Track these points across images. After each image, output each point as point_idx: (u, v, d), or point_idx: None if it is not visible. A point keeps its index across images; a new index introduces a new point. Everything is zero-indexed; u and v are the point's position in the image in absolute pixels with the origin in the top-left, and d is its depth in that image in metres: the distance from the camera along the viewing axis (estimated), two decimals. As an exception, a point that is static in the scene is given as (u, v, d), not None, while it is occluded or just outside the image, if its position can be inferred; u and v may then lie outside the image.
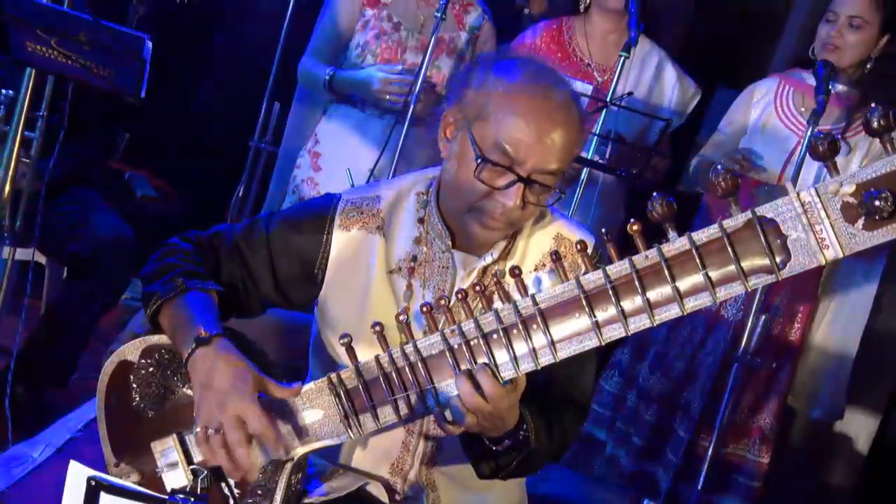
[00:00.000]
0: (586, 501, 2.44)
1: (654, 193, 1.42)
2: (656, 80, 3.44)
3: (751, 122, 3.40)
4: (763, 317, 3.08)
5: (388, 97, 3.12)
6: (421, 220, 1.80)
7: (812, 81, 3.11)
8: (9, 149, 2.84)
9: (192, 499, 1.24)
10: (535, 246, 1.79)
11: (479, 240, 1.74)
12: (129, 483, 1.28)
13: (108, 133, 3.42)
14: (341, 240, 1.80)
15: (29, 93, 2.81)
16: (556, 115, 1.63)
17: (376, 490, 1.81)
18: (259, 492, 1.65)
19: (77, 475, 1.26)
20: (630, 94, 3.13)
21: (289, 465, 1.65)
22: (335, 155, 3.28)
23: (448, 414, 1.53)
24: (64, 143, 3.07)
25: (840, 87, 3.28)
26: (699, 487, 3.09)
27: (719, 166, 1.41)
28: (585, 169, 3.13)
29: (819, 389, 3.49)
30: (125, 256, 3.07)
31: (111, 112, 3.30)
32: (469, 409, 1.50)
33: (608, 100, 3.07)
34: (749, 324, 3.07)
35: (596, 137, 3.08)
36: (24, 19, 2.39)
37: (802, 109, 3.31)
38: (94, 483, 1.22)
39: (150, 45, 2.42)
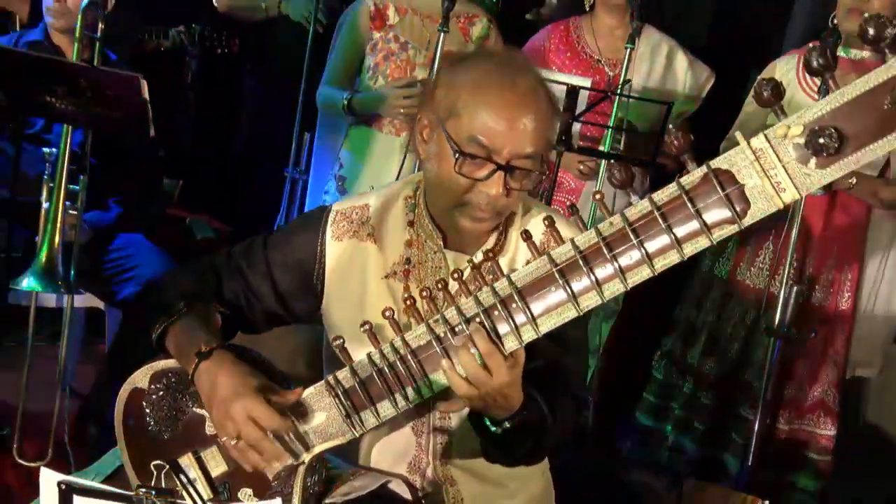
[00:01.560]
0: (621, 486, 2.38)
1: (612, 161, 1.40)
2: (668, 68, 3.39)
3: (784, 94, 3.31)
4: (795, 288, 2.99)
5: (401, 111, 3.14)
6: (411, 224, 1.80)
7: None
8: (53, 202, 2.94)
9: (155, 492, 1.25)
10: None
11: (471, 233, 1.73)
12: (96, 483, 1.30)
13: (151, 181, 3.50)
14: (335, 250, 1.81)
15: (68, 148, 2.93)
16: (524, 101, 1.62)
17: (398, 487, 1.80)
18: (276, 497, 1.64)
19: (48, 482, 1.28)
20: (628, 81, 3.08)
21: (302, 469, 1.65)
22: (358, 176, 3.31)
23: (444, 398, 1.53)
24: (107, 193, 3.18)
25: (855, 53, 3.19)
26: (749, 464, 3.00)
27: (672, 128, 1.39)
28: (603, 161, 3.09)
29: (865, 351, 3.41)
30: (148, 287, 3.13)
31: (151, 160, 3.39)
32: (474, 383, 1.48)
33: (618, 91, 3.04)
34: (782, 296, 2.99)
35: (610, 131, 3.05)
36: (30, 74, 2.47)
37: (828, 82, 3.22)
38: (64, 487, 1.24)
39: (144, 83, 2.47)
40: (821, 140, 1.22)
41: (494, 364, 1.47)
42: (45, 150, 2.95)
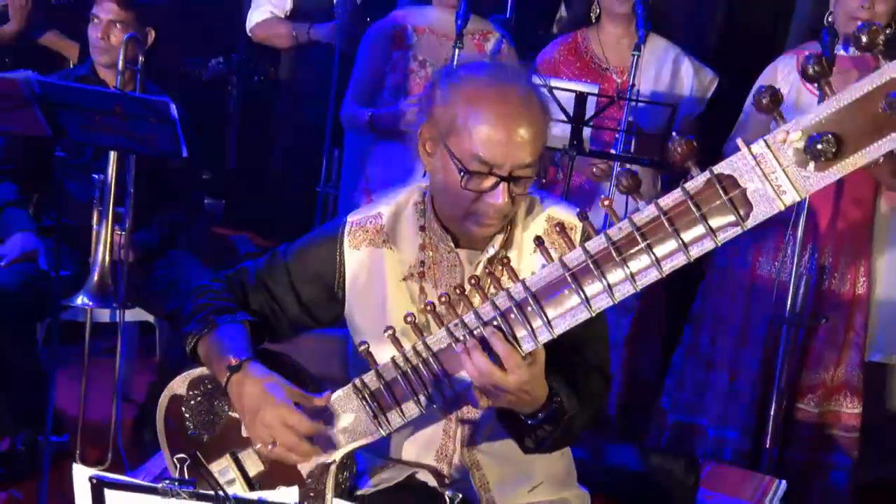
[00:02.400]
0: (639, 469, 2.35)
1: (619, 169, 1.38)
2: (674, 74, 3.35)
3: (783, 100, 3.25)
4: (805, 276, 2.95)
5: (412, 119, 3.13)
6: (422, 228, 1.78)
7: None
8: (105, 225, 2.97)
9: (178, 484, 1.25)
10: (531, 232, 1.74)
11: (480, 238, 1.72)
12: (124, 477, 1.30)
13: (193, 200, 3.52)
14: (353, 259, 1.80)
15: (114, 172, 2.95)
16: (518, 112, 1.60)
17: (425, 476, 1.80)
18: (311, 494, 1.66)
19: (80, 476, 1.28)
20: (633, 86, 3.04)
21: (333, 467, 1.65)
22: (383, 188, 3.29)
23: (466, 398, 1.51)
24: (151, 213, 3.20)
25: (853, 50, 3.12)
26: (767, 445, 2.96)
27: (675, 135, 1.36)
28: (615, 164, 3.07)
29: (878, 335, 3.34)
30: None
31: (192, 181, 3.41)
32: (489, 382, 1.46)
33: (627, 97, 3.01)
34: (791, 284, 2.94)
35: (621, 134, 3.02)
36: (69, 105, 2.50)
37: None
38: (95, 482, 1.24)
39: (174, 106, 2.48)
40: (819, 146, 1.19)
41: (513, 364, 1.45)
42: (95, 176, 2.98)
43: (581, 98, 2.68)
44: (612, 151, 3.01)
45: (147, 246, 3.20)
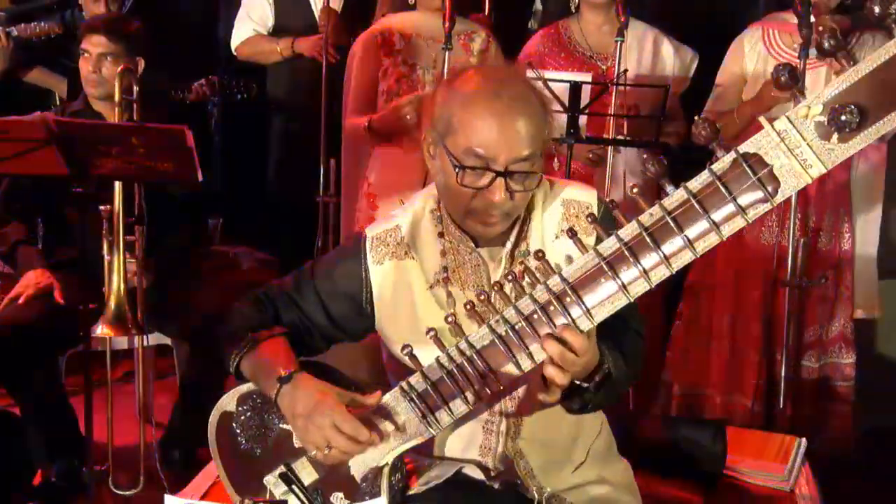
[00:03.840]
0: (675, 441, 2.37)
1: (644, 155, 1.39)
2: (656, 56, 3.36)
3: (750, 73, 3.28)
4: (802, 240, 2.99)
5: (408, 117, 3.08)
6: (441, 234, 1.78)
7: (793, 20, 2.99)
8: (116, 255, 2.95)
9: None
10: (549, 218, 1.75)
11: (487, 236, 1.73)
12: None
13: (197, 221, 3.50)
14: (378, 273, 1.80)
15: (121, 202, 2.94)
16: (511, 108, 1.60)
17: (472, 471, 1.80)
18: (366, 497, 1.67)
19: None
20: (625, 71, 3.06)
21: (386, 469, 1.66)
22: (386, 191, 3.30)
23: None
24: (160, 238, 3.19)
25: (826, 20, 3.14)
26: (781, 405, 3.00)
27: (698, 119, 1.37)
28: (610, 148, 3.08)
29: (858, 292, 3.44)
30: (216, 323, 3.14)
31: (196, 202, 3.39)
32: (565, 367, 1.48)
33: (614, 82, 3.02)
34: (790, 249, 2.98)
35: (612, 118, 3.04)
36: (87, 140, 2.48)
37: (795, 46, 3.17)
38: None
39: (190, 133, 2.48)
40: (843, 118, 1.21)
41: (580, 346, 1.47)
42: (101, 207, 2.96)
43: (576, 87, 2.69)
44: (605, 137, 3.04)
45: (158, 270, 3.17)
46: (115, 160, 2.47)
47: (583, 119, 2.82)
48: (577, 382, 1.57)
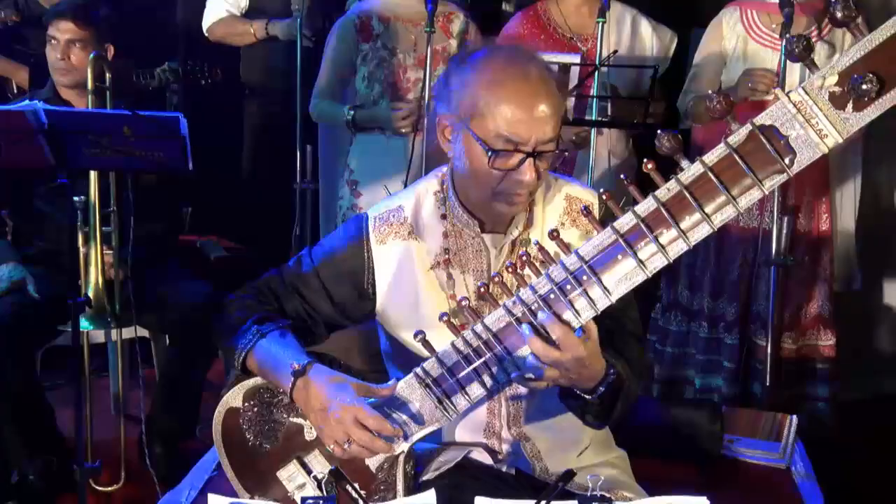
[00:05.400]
0: (673, 424, 2.40)
1: (659, 131, 1.41)
2: (634, 36, 3.39)
3: (729, 53, 3.32)
4: (786, 219, 3.04)
5: (403, 129, 3.19)
6: (444, 216, 1.80)
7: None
8: (93, 246, 2.91)
9: (322, 501, 1.25)
10: (551, 211, 1.78)
11: (509, 216, 1.74)
12: (261, 502, 1.30)
13: (173, 210, 3.47)
14: (381, 253, 1.81)
15: (97, 193, 2.89)
16: (538, 90, 1.63)
17: (479, 455, 1.81)
18: (382, 487, 1.67)
19: None
20: (615, 52, 3.08)
21: (401, 458, 1.66)
22: (370, 179, 3.30)
23: (531, 374, 1.52)
24: (137, 228, 3.14)
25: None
26: (767, 385, 3.05)
27: (712, 93, 1.39)
28: (594, 130, 3.11)
29: (838, 267, 3.52)
30: (214, 314, 3.11)
31: (172, 191, 3.35)
32: (548, 363, 1.49)
33: (597, 63, 3.04)
34: (774, 228, 3.03)
35: (594, 100, 3.06)
36: (77, 131, 2.43)
37: (773, 26, 3.23)
38: None
39: (185, 121, 2.44)
40: (864, 87, 1.23)
41: (570, 343, 1.48)
42: (76, 198, 2.91)
43: (566, 69, 2.71)
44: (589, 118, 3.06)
45: (136, 261, 3.13)
46: (104, 150, 2.42)
47: (570, 101, 2.84)
48: (581, 394, 1.59)
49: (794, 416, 2.54)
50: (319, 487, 1.71)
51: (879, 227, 3.91)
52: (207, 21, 4.01)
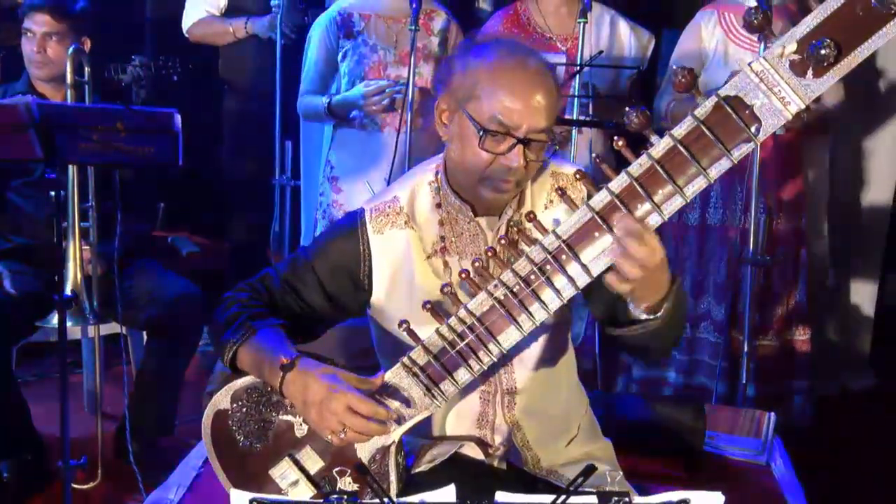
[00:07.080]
0: (657, 421, 2.44)
1: (627, 108, 1.47)
2: (613, 36, 3.47)
3: (709, 55, 3.40)
4: (763, 217, 3.11)
5: (373, 108, 3.21)
6: (438, 205, 1.84)
7: (748, 2, 3.12)
8: (71, 241, 2.92)
9: (346, 497, 1.27)
10: (539, 188, 1.84)
11: (495, 204, 1.79)
12: (283, 497, 1.31)
13: (152, 206, 3.49)
14: (378, 243, 1.85)
15: (76, 187, 2.92)
16: (535, 80, 1.70)
17: (471, 451, 1.85)
18: (375, 478, 1.69)
19: (238, 500, 1.29)
20: (601, 52, 3.16)
21: (393, 448, 1.70)
22: (350, 175, 3.34)
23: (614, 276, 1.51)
24: (113, 224, 3.16)
25: (777, 1, 3.29)
26: (744, 381, 3.12)
27: (676, 68, 1.46)
28: (574, 129, 3.18)
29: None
30: (196, 310, 3.13)
31: (153, 187, 3.38)
32: (638, 265, 1.48)
33: (580, 63, 3.12)
34: (752, 227, 3.10)
35: (576, 99, 3.13)
36: (68, 125, 2.45)
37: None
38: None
39: (178, 117, 2.48)
40: (822, 52, 1.30)
41: (652, 240, 1.49)
42: (52, 192, 2.93)
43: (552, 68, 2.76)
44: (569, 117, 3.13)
45: (113, 257, 3.16)
46: (94, 145, 2.44)
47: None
48: (646, 317, 1.60)
49: (773, 414, 2.60)
50: (314, 484, 1.73)
51: (846, 228, 4.05)
52: (187, 22, 4.06)
